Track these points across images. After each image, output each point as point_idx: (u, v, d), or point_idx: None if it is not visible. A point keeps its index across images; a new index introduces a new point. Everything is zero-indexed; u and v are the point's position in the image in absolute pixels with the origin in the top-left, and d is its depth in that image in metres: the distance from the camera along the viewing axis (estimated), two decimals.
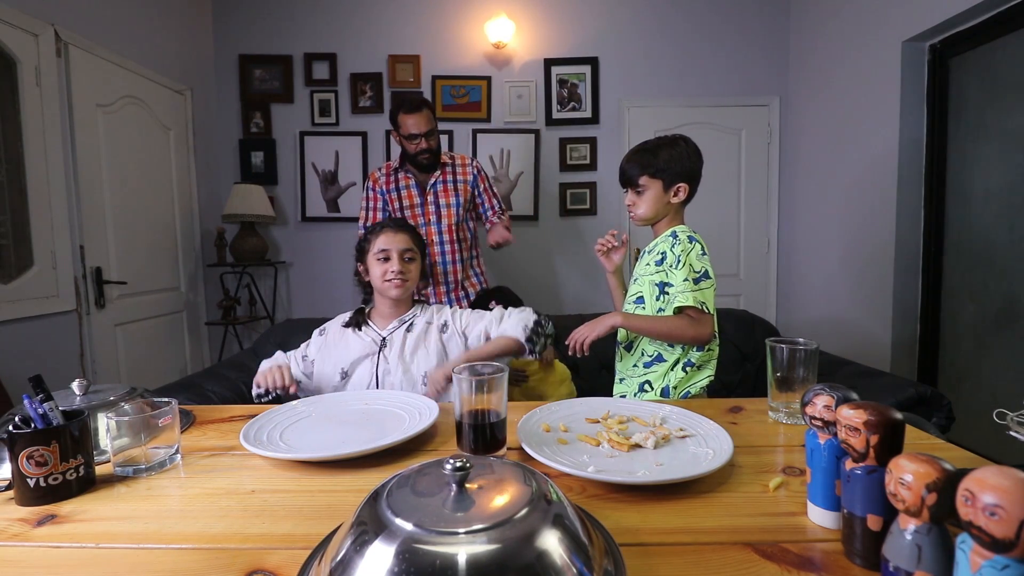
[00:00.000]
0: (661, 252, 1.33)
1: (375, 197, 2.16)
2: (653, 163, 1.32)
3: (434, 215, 2.12)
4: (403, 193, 2.12)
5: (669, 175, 1.33)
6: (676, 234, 1.32)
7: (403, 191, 2.12)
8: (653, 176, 1.33)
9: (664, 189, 1.33)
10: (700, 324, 1.24)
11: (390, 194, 2.13)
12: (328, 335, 1.40)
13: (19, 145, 2.06)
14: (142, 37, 2.74)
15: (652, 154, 1.33)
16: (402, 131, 2.02)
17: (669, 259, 1.30)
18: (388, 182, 2.13)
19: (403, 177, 2.12)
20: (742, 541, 0.55)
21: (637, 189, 1.35)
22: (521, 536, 0.40)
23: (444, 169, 2.14)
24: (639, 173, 1.33)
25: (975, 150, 2.26)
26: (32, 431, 0.66)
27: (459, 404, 0.75)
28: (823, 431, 0.57)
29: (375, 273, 1.37)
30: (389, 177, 2.13)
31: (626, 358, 1.40)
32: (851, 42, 2.78)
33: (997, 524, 0.33)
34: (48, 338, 2.16)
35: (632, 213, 1.37)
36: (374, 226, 1.42)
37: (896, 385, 1.46)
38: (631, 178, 1.35)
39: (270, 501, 0.66)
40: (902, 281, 2.54)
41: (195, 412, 1.01)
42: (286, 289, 3.46)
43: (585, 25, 3.34)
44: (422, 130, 2.00)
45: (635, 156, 1.35)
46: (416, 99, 2.03)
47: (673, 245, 1.30)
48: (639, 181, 1.33)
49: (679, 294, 1.25)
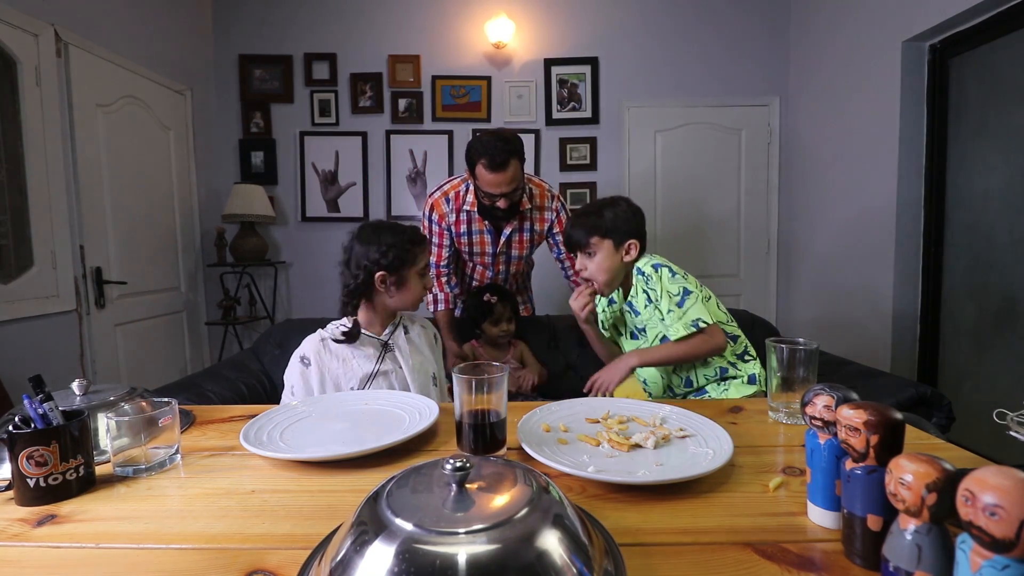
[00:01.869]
0: (644, 294, 1.35)
1: (441, 233, 1.85)
2: (600, 224, 1.33)
3: (503, 264, 1.95)
4: (475, 239, 1.87)
5: (618, 234, 1.33)
6: (641, 271, 1.34)
7: (475, 236, 1.86)
8: (603, 236, 1.33)
9: (615, 248, 1.34)
10: (709, 335, 1.27)
11: (459, 237, 1.85)
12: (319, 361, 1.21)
13: (19, 145, 2.06)
14: (142, 37, 2.74)
15: (597, 215, 1.33)
16: (480, 184, 1.67)
17: (651, 296, 1.32)
18: (458, 222, 1.82)
19: (477, 220, 1.82)
20: (742, 541, 0.55)
21: (588, 251, 1.34)
22: (521, 536, 0.40)
23: (522, 215, 1.83)
24: (588, 235, 1.33)
25: (975, 150, 2.26)
26: (32, 431, 0.66)
27: (459, 404, 0.75)
28: (823, 431, 0.57)
29: (414, 288, 1.26)
30: (459, 215, 1.81)
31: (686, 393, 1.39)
32: (851, 42, 2.79)
33: (997, 524, 0.33)
34: (48, 338, 2.16)
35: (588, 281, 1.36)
36: (419, 237, 1.27)
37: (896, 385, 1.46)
38: (579, 241, 1.34)
39: (270, 501, 0.66)
40: (902, 281, 2.54)
41: (195, 412, 1.01)
42: (286, 289, 3.46)
43: (585, 25, 3.34)
44: (505, 190, 1.64)
45: (580, 220, 1.35)
46: (502, 152, 1.59)
47: (646, 283, 1.32)
48: (589, 242, 1.33)
49: (670, 328, 1.28)
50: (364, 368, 1.22)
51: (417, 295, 1.27)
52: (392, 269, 1.21)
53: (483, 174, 1.63)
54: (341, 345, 1.22)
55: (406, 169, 3.39)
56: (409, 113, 3.36)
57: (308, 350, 1.21)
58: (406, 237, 1.24)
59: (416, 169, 3.39)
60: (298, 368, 1.20)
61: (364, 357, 1.23)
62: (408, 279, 1.24)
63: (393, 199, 3.40)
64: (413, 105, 3.35)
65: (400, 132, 3.37)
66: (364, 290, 1.23)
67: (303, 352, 1.22)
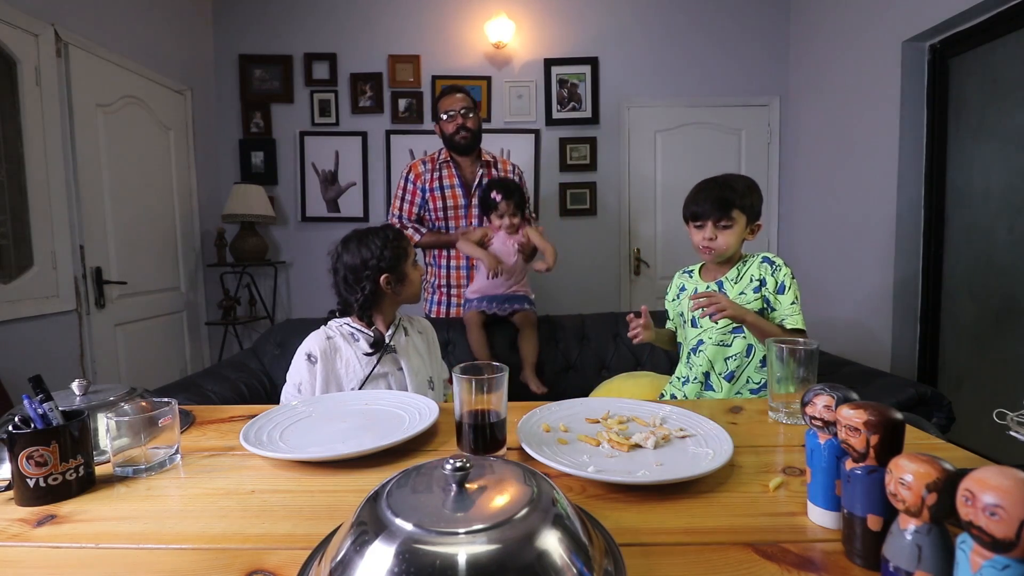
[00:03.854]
0: (758, 279, 1.34)
1: (414, 191, 2.09)
2: (744, 199, 1.32)
3: (477, 219, 2.08)
4: (447, 192, 2.07)
5: (754, 213, 1.35)
6: (771, 260, 1.35)
7: (447, 190, 2.07)
8: (743, 211, 1.32)
9: (746, 225, 1.34)
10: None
11: (432, 192, 2.07)
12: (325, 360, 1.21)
13: (19, 145, 2.06)
14: (142, 37, 2.74)
15: (745, 192, 1.32)
16: (440, 109, 2.02)
17: (770, 284, 1.32)
18: (432, 178, 2.07)
19: (447, 175, 2.07)
20: (742, 541, 0.55)
21: (725, 223, 1.31)
22: (521, 536, 0.40)
23: (489, 168, 2.11)
24: (731, 207, 1.31)
25: (975, 150, 2.26)
26: (32, 431, 0.66)
27: (459, 404, 0.75)
28: (823, 431, 0.57)
29: (414, 279, 1.30)
30: (433, 173, 2.07)
31: (725, 388, 1.36)
32: (851, 42, 2.78)
33: (997, 524, 0.33)
34: (48, 338, 2.16)
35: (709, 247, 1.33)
36: (397, 231, 1.31)
37: (896, 385, 1.46)
38: (724, 209, 1.30)
39: (270, 501, 0.66)
40: (902, 281, 2.54)
41: (195, 412, 1.01)
42: (286, 289, 3.46)
43: (585, 25, 3.34)
44: (458, 106, 1.99)
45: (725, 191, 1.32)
46: (456, 85, 2.08)
47: (773, 271, 1.33)
48: (731, 214, 1.31)
49: (789, 316, 1.29)
50: (364, 368, 1.23)
51: (417, 284, 1.32)
52: (392, 268, 1.25)
53: (442, 102, 2.03)
54: (345, 345, 1.24)
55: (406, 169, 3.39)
56: (409, 113, 3.36)
57: (314, 348, 1.22)
58: (389, 235, 1.27)
59: None
60: (305, 365, 1.21)
61: (364, 358, 1.24)
62: (407, 272, 1.29)
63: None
64: (413, 105, 3.35)
65: (400, 132, 3.37)
66: (376, 298, 1.26)
67: (309, 349, 1.22)
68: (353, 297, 1.25)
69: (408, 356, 1.29)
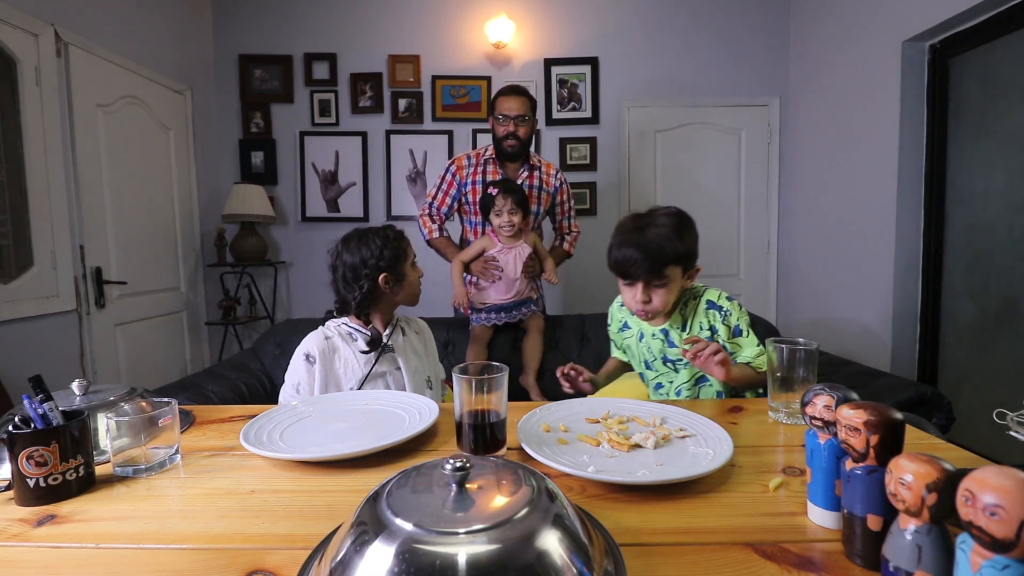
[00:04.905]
0: (708, 328, 1.19)
1: (451, 183, 2.09)
2: (679, 247, 1.10)
3: None
4: None
5: (690, 259, 1.14)
6: (716, 305, 1.19)
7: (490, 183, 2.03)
8: (678, 263, 1.11)
9: (683, 274, 1.14)
10: None
11: (474, 185, 2.04)
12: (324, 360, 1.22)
13: (19, 145, 2.06)
14: (142, 37, 2.74)
15: (677, 238, 1.10)
16: (496, 111, 2.00)
17: (723, 332, 1.18)
18: (475, 172, 2.05)
19: (492, 171, 2.05)
20: (742, 541, 0.55)
21: (658, 282, 1.10)
22: (521, 536, 0.40)
23: (532, 172, 2.08)
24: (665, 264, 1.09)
25: (975, 150, 2.26)
26: (32, 431, 0.66)
27: (459, 404, 0.75)
28: (823, 431, 0.57)
29: (412, 280, 1.30)
30: (477, 167, 2.06)
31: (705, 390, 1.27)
32: (851, 42, 2.78)
33: (997, 524, 0.33)
34: (48, 338, 2.16)
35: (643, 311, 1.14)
36: (398, 232, 1.31)
37: (896, 385, 1.46)
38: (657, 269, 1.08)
39: (270, 501, 0.66)
40: (902, 281, 2.54)
41: (195, 412, 1.01)
42: (286, 289, 3.46)
43: (585, 25, 3.34)
44: (513, 113, 1.97)
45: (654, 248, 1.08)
46: (517, 86, 2.05)
47: (723, 318, 1.18)
48: (665, 272, 1.09)
49: (755, 358, 1.16)
50: (363, 368, 1.23)
51: (415, 287, 1.32)
52: (391, 268, 1.25)
53: (500, 101, 2.00)
54: (344, 345, 1.24)
55: (406, 169, 3.39)
56: (409, 113, 3.36)
57: (313, 348, 1.22)
58: (390, 235, 1.28)
59: (416, 169, 3.39)
60: (303, 365, 1.21)
61: (363, 357, 1.24)
62: (406, 273, 1.29)
63: (393, 199, 3.40)
64: (413, 105, 3.35)
65: (400, 132, 3.37)
66: (374, 297, 1.26)
67: (307, 350, 1.22)
68: (351, 295, 1.25)
69: (406, 356, 1.29)
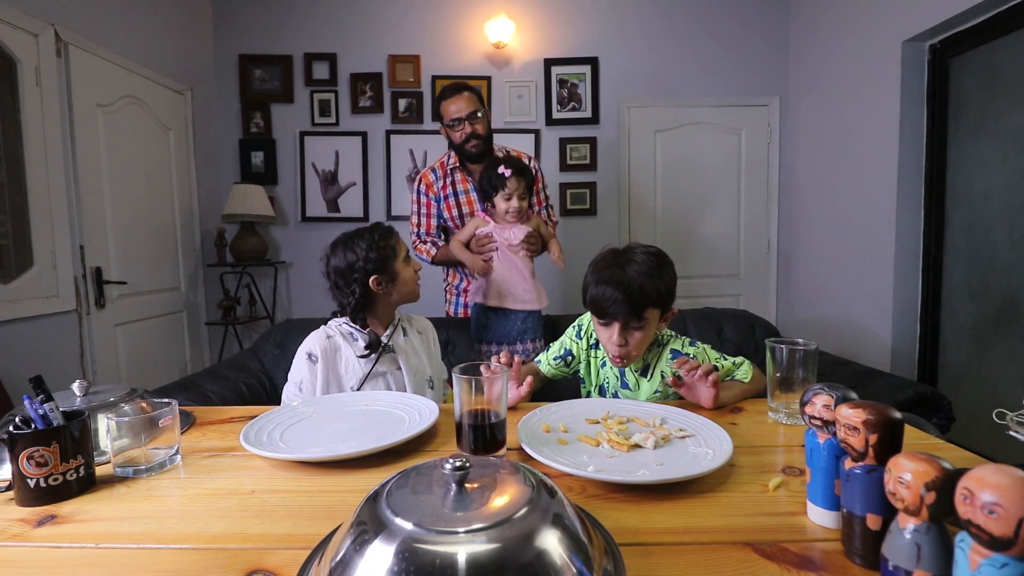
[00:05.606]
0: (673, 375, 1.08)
1: (428, 203, 1.96)
2: (660, 286, 1.04)
3: None
4: (461, 199, 1.94)
5: (669, 300, 1.08)
6: (683, 354, 1.12)
7: (461, 196, 1.94)
8: (657, 305, 1.06)
9: (660, 316, 1.09)
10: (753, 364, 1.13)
11: (447, 200, 1.94)
12: (326, 359, 1.21)
13: (19, 145, 2.06)
14: (142, 37, 2.74)
15: (658, 277, 1.04)
16: (444, 120, 1.86)
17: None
18: (444, 186, 1.94)
19: (461, 179, 1.93)
20: (742, 541, 0.55)
21: (636, 324, 1.04)
22: (521, 536, 0.40)
23: None
24: (646, 307, 1.03)
25: (975, 150, 2.26)
26: (32, 432, 0.66)
27: (459, 404, 0.75)
28: (822, 431, 0.57)
29: (407, 277, 1.28)
30: (445, 180, 1.94)
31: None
32: (851, 42, 2.78)
33: (996, 522, 0.33)
34: (48, 338, 2.16)
35: (619, 357, 1.07)
36: (386, 229, 1.29)
37: (896, 385, 1.46)
38: (637, 311, 1.02)
39: (270, 501, 0.66)
40: (902, 281, 2.54)
41: (195, 413, 1.01)
42: (286, 289, 3.46)
43: (585, 25, 3.34)
44: (464, 113, 1.82)
45: (636, 289, 1.02)
46: (455, 83, 1.88)
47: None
48: (645, 315, 1.03)
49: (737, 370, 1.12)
50: (364, 368, 1.23)
51: (412, 282, 1.31)
52: (380, 269, 1.24)
53: (444, 107, 1.85)
54: (345, 344, 1.24)
55: (406, 169, 3.39)
56: (409, 113, 3.36)
57: (315, 347, 1.22)
58: (376, 235, 1.27)
59: (416, 169, 3.38)
60: (306, 364, 1.21)
61: (363, 357, 1.24)
62: (398, 271, 1.27)
63: (393, 199, 3.40)
64: (413, 105, 3.35)
65: (400, 132, 3.37)
66: (367, 300, 1.25)
67: (309, 349, 1.22)
68: (345, 300, 1.25)
69: (407, 356, 1.29)
